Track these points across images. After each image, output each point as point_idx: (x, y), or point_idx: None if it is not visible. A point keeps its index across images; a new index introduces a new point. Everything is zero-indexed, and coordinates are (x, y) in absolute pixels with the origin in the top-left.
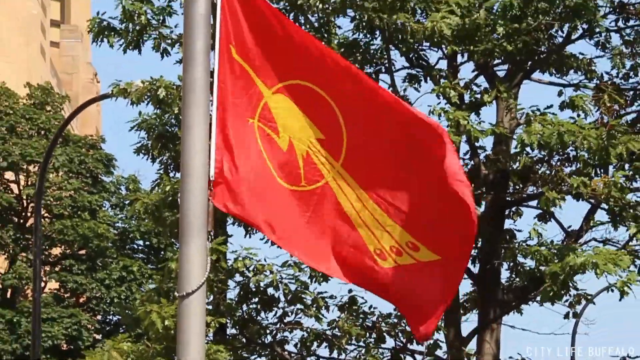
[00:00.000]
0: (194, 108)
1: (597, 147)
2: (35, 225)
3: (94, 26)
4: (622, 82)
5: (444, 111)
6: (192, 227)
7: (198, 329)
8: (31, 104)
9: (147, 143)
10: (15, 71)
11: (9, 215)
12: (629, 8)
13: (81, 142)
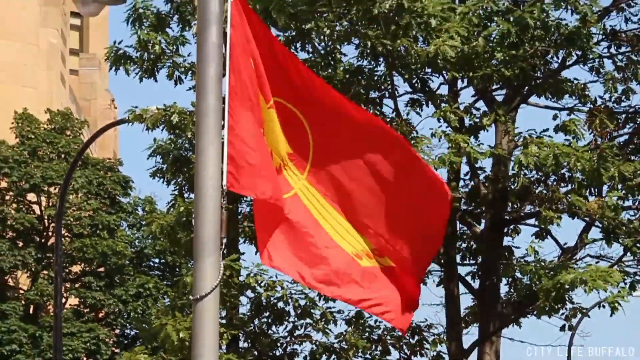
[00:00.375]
0: (207, 133)
1: (590, 168)
2: (56, 244)
3: (111, 55)
4: (614, 105)
5: (445, 134)
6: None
7: (212, 329)
8: (52, 129)
9: (162, 167)
10: (37, 98)
11: (31, 234)
12: (620, 35)
13: (99, 165)
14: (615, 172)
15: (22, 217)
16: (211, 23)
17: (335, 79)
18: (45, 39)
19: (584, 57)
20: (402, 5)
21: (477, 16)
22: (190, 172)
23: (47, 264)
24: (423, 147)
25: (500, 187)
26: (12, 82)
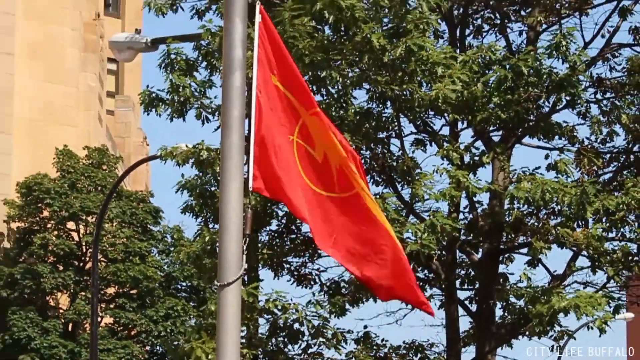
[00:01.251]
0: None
1: (575, 203)
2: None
3: (145, 98)
4: (600, 146)
5: (447, 171)
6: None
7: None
8: (90, 164)
9: (192, 203)
10: (77, 136)
11: (71, 259)
12: (605, 83)
13: (132, 197)
14: (600, 206)
15: (63, 243)
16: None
17: (347, 120)
18: (84, 83)
19: (573, 102)
20: (409, 54)
21: (476, 64)
22: (215, 206)
23: (84, 286)
24: (427, 182)
25: (496, 220)
26: (55, 121)
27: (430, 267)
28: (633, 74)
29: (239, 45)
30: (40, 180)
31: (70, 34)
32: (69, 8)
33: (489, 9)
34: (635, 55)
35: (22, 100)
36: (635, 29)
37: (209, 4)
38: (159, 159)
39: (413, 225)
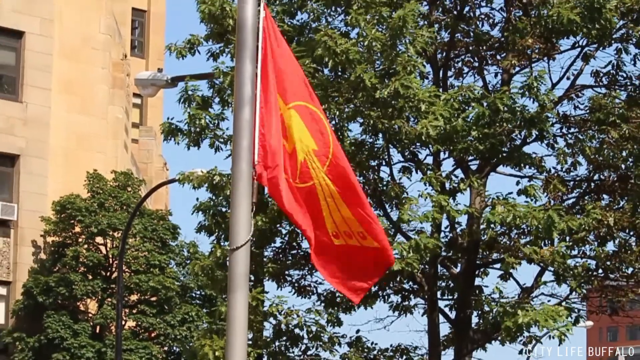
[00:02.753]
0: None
1: (543, 224)
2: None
3: (165, 128)
4: (565, 174)
5: (430, 195)
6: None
7: (244, 273)
8: (116, 186)
9: (205, 223)
10: (105, 161)
11: (99, 270)
12: (570, 119)
13: (153, 215)
14: (564, 227)
15: (92, 255)
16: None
17: (343, 150)
18: (112, 115)
19: (542, 136)
20: (398, 92)
21: (457, 102)
22: (227, 225)
23: (110, 294)
24: (412, 205)
25: (473, 239)
26: (86, 148)
27: (415, 280)
28: (594, 112)
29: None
30: (73, 200)
31: (100, 72)
32: (100, 49)
33: (469, 53)
34: (596, 95)
35: (58, 129)
36: (597, 72)
37: (222, 47)
38: (177, 183)
39: (399, 244)
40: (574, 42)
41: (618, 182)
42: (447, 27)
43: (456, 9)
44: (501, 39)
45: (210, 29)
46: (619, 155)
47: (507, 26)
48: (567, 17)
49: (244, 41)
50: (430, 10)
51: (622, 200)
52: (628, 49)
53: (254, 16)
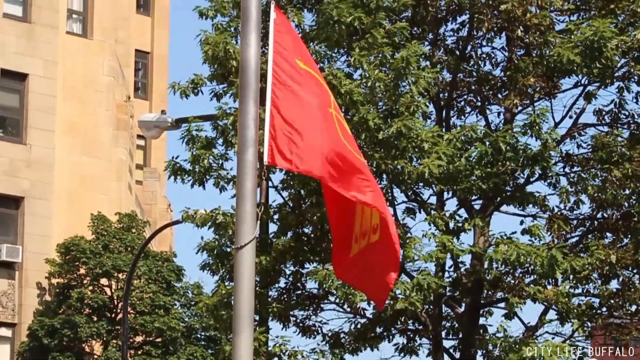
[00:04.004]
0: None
1: (546, 263)
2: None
3: (170, 167)
4: (568, 213)
5: (434, 235)
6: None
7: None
8: (120, 228)
9: (209, 261)
10: (109, 203)
11: (104, 311)
12: (573, 158)
13: (158, 257)
14: (568, 267)
15: (97, 297)
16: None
17: None
18: (117, 156)
19: (545, 175)
20: (401, 132)
21: (459, 141)
22: (231, 264)
23: (115, 335)
24: (416, 245)
25: (477, 278)
26: (91, 190)
27: (420, 320)
28: (597, 150)
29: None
30: (78, 241)
31: (104, 113)
32: (103, 91)
33: (471, 93)
34: (598, 134)
35: (62, 171)
36: (599, 111)
37: (226, 88)
38: (181, 223)
39: (402, 284)
40: (576, 81)
41: (621, 220)
42: (449, 67)
43: (458, 49)
44: (503, 79)
45: (214, 70)
46: (621, 193)
47: (509, 66)
48: (568, 57)
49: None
50: (433, 50)
51: (626, 239)
52: (630, 87)
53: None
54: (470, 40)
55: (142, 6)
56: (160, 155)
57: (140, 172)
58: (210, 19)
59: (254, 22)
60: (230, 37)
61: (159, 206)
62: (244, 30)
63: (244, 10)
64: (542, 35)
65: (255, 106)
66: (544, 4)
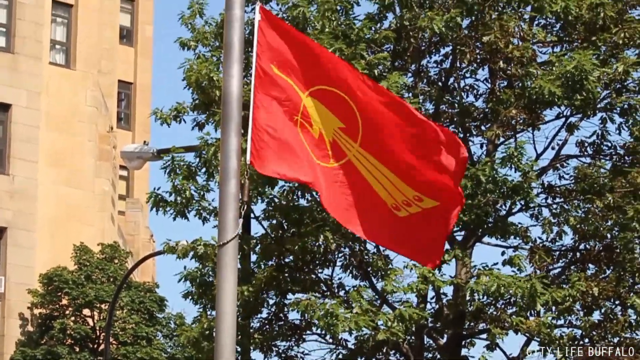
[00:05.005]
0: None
1: (526, 295)
2: (105, 350)
3: (151, 198)
4: (550, 244)
5: (415, 266)
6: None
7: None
8: (103, 258)
9: (192, 290)
10: (92, 233)
11: (86, 342)
12: (555, 189)
13: (140, 287)
14: (549, 298)
15: (79, 327)
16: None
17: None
18: (99, 187)
19: (526, 206)
20: None
21: None
22: (213, 294)
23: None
24: (397, 276)
25: (459, 309)
26: (74, 220)
27: (401, 351)
28: (579, 182)
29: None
30: (60, 272)
31: (87, 144)
32: (86, 122)
33: (454, 124)
34: (581, 165)
35: (45, 202)
36: (581, 142)
37: (207, 117)
38: (163, 254)
39: (384, 315)
40: (558, 113)
41: (603, 252)
42: (431, 99)
43: (441, 81)
44: (485, 110)
45: (197, 99)
46: (604, 225)
47: (491, 97)
48: (549, 89)
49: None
50: (415, 81)
51: (608, 270)
52: (613, 118)
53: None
54: (453, 71)
55: (125, 37)
56: (142, 186)
57: (123, 203)
58: (192, 50)
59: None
60: (213, 66)
61: (141, 237)
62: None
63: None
64: (524, 67)
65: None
66: (526, 36)
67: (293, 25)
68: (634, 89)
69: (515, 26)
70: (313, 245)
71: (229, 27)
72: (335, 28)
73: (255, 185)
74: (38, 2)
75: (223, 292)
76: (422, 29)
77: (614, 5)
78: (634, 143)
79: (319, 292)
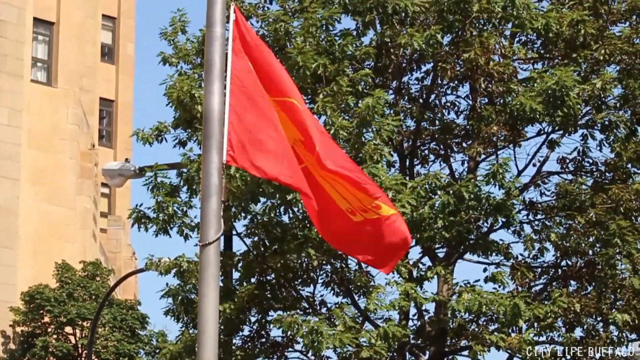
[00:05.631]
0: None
1: (509, 312)
2: None
3: (133, 214)
4: (532, 261)
5: (397, 283)
6: None
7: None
8: (85, 276)
9: (173, 307)
10: (74, 251)
11: (68, 359)
12: (537, 206)
13: (122, 305)
14: (531, 315)
15: (61, 345)
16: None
17: (311, 238)
18: (81, 204)
19: (508, 223)
20: None
21: (423, 190)
22: (195, 312)
23: None
24: (379, 294)
25: (441, 326)
26: (55, 238)
27: None
28: (560, 198)
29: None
30: (42, 289)
31: (68, 162)
32: (67, 139)
33: (435, 141)
34: (562, 182)
35: (26, 219)
36: (562, 159)
37: (189, 135)
38: (145, 271)
39: (367, 332)
40: (539, 129)
41: (585, 268)
42: (413, 116)
43: (422, 97)
44: (467, 127)
45: (178, 116)
46: (585, 241)
47: (472, 114)
48: (530, 106)
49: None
50: (396, 99)
51: (589, 286)
52: (594, 134)
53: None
54: (434, 88)
55: (107, 54)
56: (124, 203)
57: (105, 220)
58: (174, 66)
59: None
60: (194, 83)
61: (123, 254)
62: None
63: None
64: (505, 84)
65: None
66: (507, 53)
67: (274, 40)
68: (614, 105)
69: (496, 43)
70: (295, 263)
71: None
72: (319, 44)
73: (237, 202)
74: (19, 20)
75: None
76: (403, 46)
77: (594, 22)
78: (614, 159)
79: (301, 310)
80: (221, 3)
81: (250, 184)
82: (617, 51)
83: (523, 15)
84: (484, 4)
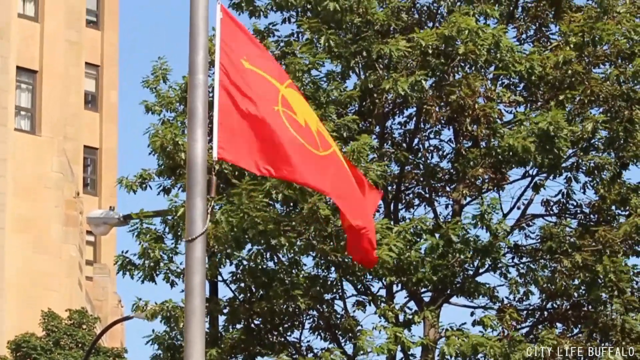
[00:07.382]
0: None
1: (501, 354)
2: None
3: (118, 261)
4: (518, 304)
5: (384, 327)
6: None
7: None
8: (71, 324)
9: (160, 354)
10: (60, 299)
11: None
12: (522, 248)
13: (109, 353)
14: (520, 356)
15: None
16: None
17: (297, 283)
18: (67, 253)
19: (494, 266)
20: None
21: (409, 233)
22: (181, 358)
23: None
24: (367, 338)
25: None
26: (42, 287)
27: None
28: (545, 241)
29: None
30: (28, 338)
31: (53, 210)
32: (52, 188)
33: (419, 185)
34: (547, 224)
35: (12, 268)
36: (547, 202)
37: (173, 182)
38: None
39: None
40: (524, 172)
41: (571, 310)
42: (397, 160)
43: (405, 142)
44: (451, 170)
45: (162, 163)
46: (571, 284)
47: (456, 157)
48: (522, 146)
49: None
50: (380, 143)
51: (576, 329)
52: (578, 177)
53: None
54: (418, 132)
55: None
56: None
57: (91, 268)
58: (157, 114)
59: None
60: (178, 130)
61: (109, 302)
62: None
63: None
64: (490, 126)
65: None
66: (492, 95)
67: None
68: (601, 147)
69: (481, 86)
70: (281, 307)
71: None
72: (304, 88)
73: (223, 248)
74: (2, 68)
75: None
76: (387, 91)
77: (578, 63)
78: (599, 202)
79: (287, 355)
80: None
81: (236, 231)
82: (603, 93)
83: (507, 58)
84: (470, 47)
